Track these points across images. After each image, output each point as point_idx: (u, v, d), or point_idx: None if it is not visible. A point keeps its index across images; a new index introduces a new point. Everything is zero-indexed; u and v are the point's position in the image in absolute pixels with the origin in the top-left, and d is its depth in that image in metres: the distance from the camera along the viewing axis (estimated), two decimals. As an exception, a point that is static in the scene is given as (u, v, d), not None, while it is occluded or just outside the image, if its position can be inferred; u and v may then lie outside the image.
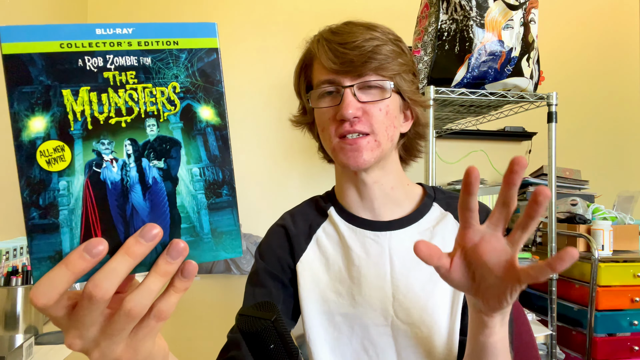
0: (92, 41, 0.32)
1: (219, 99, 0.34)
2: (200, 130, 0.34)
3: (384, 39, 0.67)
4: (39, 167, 0.31)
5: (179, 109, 0.33)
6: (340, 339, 0.70)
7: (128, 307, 0.31)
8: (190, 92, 0.33)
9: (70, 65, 0.31)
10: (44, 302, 0.29)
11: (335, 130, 0.68)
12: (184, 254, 0.32)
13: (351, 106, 0.65)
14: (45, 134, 0.31)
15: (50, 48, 0.31)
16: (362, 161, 0.67)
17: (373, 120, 0.67)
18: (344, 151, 0.68)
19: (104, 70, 0.32)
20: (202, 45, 0.34)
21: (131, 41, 0.32)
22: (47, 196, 0.31)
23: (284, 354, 0.47)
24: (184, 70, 0.33)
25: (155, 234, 0.32)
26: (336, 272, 0.73)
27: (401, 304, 0.69)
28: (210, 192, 0.34)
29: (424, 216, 0.74)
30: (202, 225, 0.34)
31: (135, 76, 0.32)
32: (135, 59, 0.32)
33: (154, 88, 0.33)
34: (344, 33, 0.67)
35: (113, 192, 0.32)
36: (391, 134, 0.69)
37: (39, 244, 0.31)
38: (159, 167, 0.33)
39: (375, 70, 0.66)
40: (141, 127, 0.33)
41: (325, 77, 0.68)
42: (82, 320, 0.31)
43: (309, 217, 0.79)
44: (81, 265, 0.30)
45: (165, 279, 0.32)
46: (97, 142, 0.32)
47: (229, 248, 0.34)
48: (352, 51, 0.65)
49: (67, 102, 0.31)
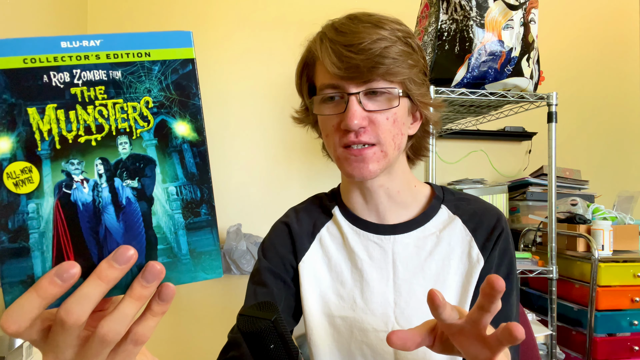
0: (57, 55, 0.30)
1: (195, 113, 0.32)
2: (176, 146, 0.32)
3: (393, 39, 0.61)
4: (6, 189, 0.29)
5: (152, 125, 0.32)
6: (340, 341, 0.70)
7: (102, 332, 0.30)
8: (164, 106, 0.32)
9: (34, 81, 0.30)
10: (14, 329, 0.28)
11: (340, 140, 0.64)
12: (160, 276, 0.31)
13: (356, 116, 0.61)
14: (11, 155, 0.29)
15: (13, 64, 0.29)
16: (367, 172, 0.64)
17: (379, 130, 0.63)
18: (348, 161, 0.64)
19: (71, 85, 0.30)
20: (177, 56, 0.32)
21: (99, 54, 0.31)
22: (16, 219, 0.30)
23: (284, 354, 0.47)
24: (157, 83, 0.32)
25: (130, 257, 0.30)
26: (338, 274, 0.72)
27: (403, 310, 0.68)
28: (188, 211, 0.32)
29: (431, 219, 0.72)
30: (180, 246, 0.33)
31: (105, 91, 0.31)
32: (104, 73, 0.31)
33: (125, 103, 0.31)
34: (349, 33, 0.61)
35: (85, 214, 0.31)
36: (398, 142, 0.65)
37: (10, 268, 0.29)
38: (132, 186, 0.32)
39: (383, 75, 0.61)
40: (112, 145, 0.31)
41: (329, 81, 0.63)
42: (57, 344, 0.30)
43: (313, 215, 0.77)
44: (52, 291, 0.29)
45: (141, 303, 0.31)
46: (66, 162, 0.30)
47: (208, 269, 0.33)
48: (358, 55, 0.59)
49: (33, 120, 0.30)
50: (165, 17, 1.96)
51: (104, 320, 0.30)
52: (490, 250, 0.69)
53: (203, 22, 1.99)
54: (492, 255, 0.69)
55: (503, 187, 1.90)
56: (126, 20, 1.94)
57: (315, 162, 2.04)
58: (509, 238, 0.72)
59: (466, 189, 1.91)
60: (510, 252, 0.71)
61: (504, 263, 0.70)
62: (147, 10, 1.95)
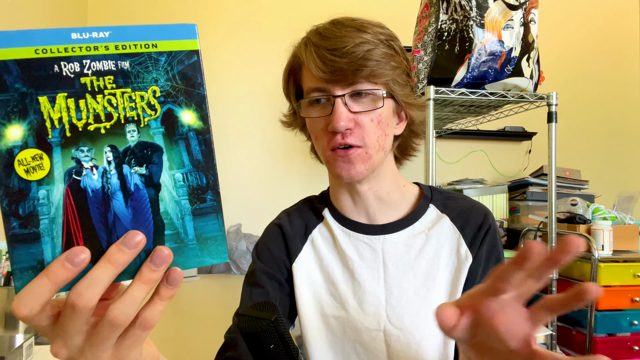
0: (67, 46, 0.31)
1: (200, 102, 0.33)
2: (182, 134, 0.33)
3: (375, 42, 0.63)
4: (17, 176, 0.30)
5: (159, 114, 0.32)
6: (334, 341, 0.70)
7: (112, 316, 0.30)
8: (170, 96, 0.33)
9: (46, 71, 0.31)
10: (25, 312, 0.29)
11: (328, 143, 0.66)
12: (168, 261, 0.32)
13: (342, 118, 0.62)
14: (22, 142, 0.30)
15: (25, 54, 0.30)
16: (354, 173, 0.66)
17: (364, 133, 0.64)
18: (336, 163, 0.66)
19: (81, 75, 0.31)
20: (182, 48, 0.33)
21: (108, 45, 0.32)
22: (26, 205, 0.30)
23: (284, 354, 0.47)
24: (164, 73, 0.32)
25: (138, 241, 0.31)
26: (330, 275, 0.73)
27: (394, 308, 0.69)
28: (194, 197, 0.33)
29: (419, 219, 0.73)
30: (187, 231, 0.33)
31: (114, 81, 0.32)
32: (113, 64, 0.32)
33: (133, 93, 0.32)
34: (333, 37, 0.63)
35: (94, 200, 0.31)
36: (382, 143, 0.67)
37: (20, 254, 0.30)
38: (140, 173, 0.32)
39: (366, 77, 0.63)
40: (121, 133, 0.32)
41: (315, 84, 0.65)
42: (66, 329, 0.31)
43: (305, 217, 0.79)
44: (63, 275, 0.29)
45: (150, 286, 0.32)
46: (76, 149, 0.31)
47: (214, 253, 0.34)
48: (341, 58, 0.61)
49: (44, 109, 0.31)
50: (165, 17, 1.96)
51: (113, 303, 0.31)
52: (478, 247, 0.71)
53: (203, 23, 1.99)
54: (480, 252, 0.70)
55: (503, 187, 1.90)
56: (127, 21, 1.94)
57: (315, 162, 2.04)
58: (497, 234, 0.73)
59: (466, 189, 1.91)
60: (498, 248, 0.72)
61: (492, 259, 0.72)
62: (148, 11, 1.95)
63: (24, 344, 0.92)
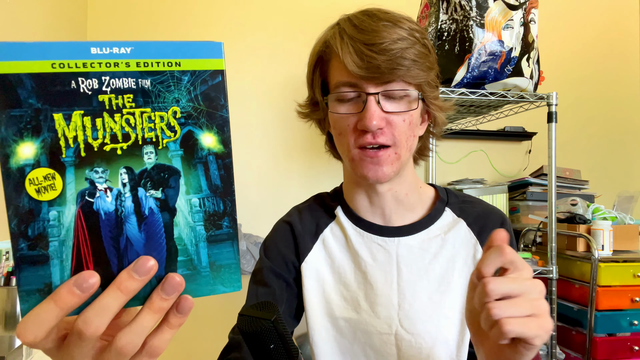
0: (86, 61, 0.29)
1: (222, 125, 0.32)
2: (201, 158, 0.32)
3: (412, 40, 0.61)
4: (27, 196, 0.29)
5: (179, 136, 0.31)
6: (342, 343, 0.69)
7: (119, 345, 0.30)
8: (192, 117, 0.31)
9: (62, 87, 0.29)
10: (31, 339, 0.28)
11: (355, 141, 0.63)
12: (180, 289, 0.31)
13: (375, 117, 0.60)
14: (35, 160, 0.29)
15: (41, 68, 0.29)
16: (382, 174, 0.63)
17: (396, 132, 0.62)
18: (364, 163, 0.64)
19: (99, 92, 0.30)
20: (207, 67, 0.31)
21: (129, 62, 0.30)
22: (36, 227, 0.29)
23: (284, 354, 0.47)
24: (186, 93, 0.31)
25: (150, 268, 0.30)
26: (341, 276, 0.71)
27: (406, 313, 0.67)
28: (210, 223, 0.32)
29: (435, 222, 0.72)
30: (200, 258, 0.32)
31: (133, 100, 0.30)
32: (134, 81, 0.30)
33: (153, 113, 0.31)
34: (369, 31, 0.60)
35: (106, 223, 0.30)
36: (410, 144, 0.65)
37: (28, 276, 0.29)
38: (156, 197, 0.31)
39: (402, 77, 0.61)
40: (138, 155, 0.31)
41: (347, 79, 0.62)
42: (72, 355, 0.30)
43: (316, 215, 0.76)
44: (71, 301, 0.28)
45: (160, 315, 0.31)
46: (91, 170, 0.30)
47: (227, 282, 0.33)
48: (379, 55, 0.58)
49: (59, 127, 0.29)
50: (165, 18, 1.96)
51: (121, 332, 0.30)
52: None
53: (203, 22, 1.99)
54: None
55: (503, 187, 1.90)
56: (127, 20, 1.94)
57: (315, 162, 2.04)
58: (513, 241, 0.72)
59: (466, 189, 1.91)
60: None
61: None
62: (147, 11, 1.95)
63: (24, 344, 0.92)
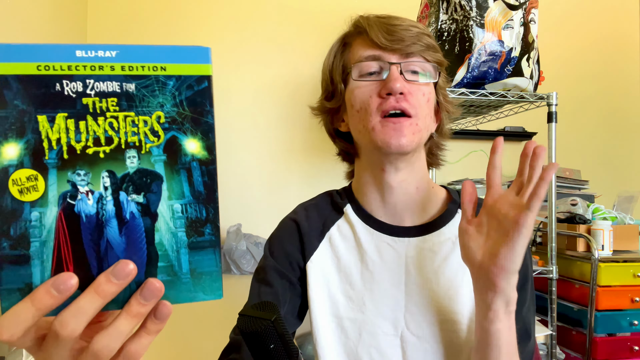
0: (71, 64, 0.29)
1: (207, 131, 0.32)
2: (184, 164, 0.31)
3: (427, 32, 0.68)
4: (10, 196, 0.29)
5: (162, 141, 0.31)
6: (347, 343, 0.68)
7: (96, 348, 0.30)
8: (176, 122, 0.31)
9: (47, 89, 0.29)
10: (7, 337, 0.28)
11: (378, 107, 0.64)
12: (159, 295, 0.31)
13: (400, 80, 0.63)
14: (18, 161, 0.29)
15: (27, 70, 0.29)
16: (405, 141, 0.64)
17: (416, 103, 0.65)
18: (386, 129, 0.64)
19: (83, 95, 0.30)
20: (193, 72, 0.31)
21: (114, 65, 0.30)
22: (18, 227, 0.29)
23: (284, 354, 0.47)
24: (171, 98, 0.31)
25: (129, 272, 0.30)
26: (348, 275, 0.70)
27: (413, 315, 0.67)
28: (192, 230, 0.32)
29: (447, 224, 0.71)
30: (181, 264, 0.32)
31: (117, 103, 0.30)
32: (118, 85, 0.30)
33: (137, 117, 0.31)
34: (391, 17, 0.67)
35: (87, 226, 0.30)
36: (428, 123, 0.68)
37: (9, 275, 0.29)
38: (137, 201, 0.31)
39: (422, 52, 0.66)
40: (121, 159, 0.31)
41: (371, 52, 0.66)
42: (50, 354, 0.30)
43: (323, 213, 0.76)
44: (48, 302, 0.28)
45: (137, 320, 0.31)
46: (73, 172, 0.30)
47: (208, 290, 0.33)
48: (403, 31, 0.65)
49: (43, 128, 0.29)
50: (165, 18, 1.96)
51: (98, 335, 0.30)
52: None
53: (203, 22, 1.99)
54: None
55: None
56: (127, 20, 1.94)
57: (315, 162, 2.04)
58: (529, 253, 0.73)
59: (466, 189, 1.91)
60: (526, 261, 0.70)
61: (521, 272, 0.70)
62: (147, 11, 1.95)
63: (24, 344, 0.92)
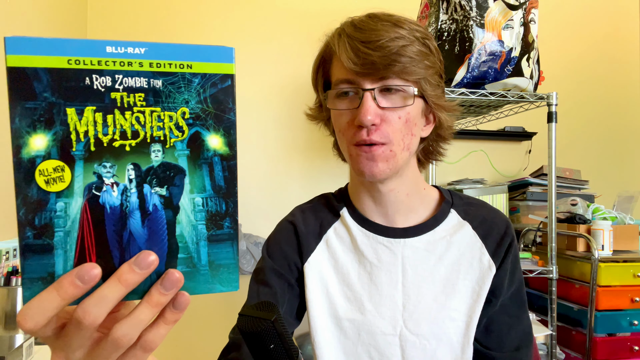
0: (101, 59, 0.31)
1: (229, 127, 0.33)
2: (207, 159, 0.33)
3: (411, 38, 0.62)
4: (37, 186, 0.30)
5: (186, 136, 0.32)
6: (346, 344, 0.69)
7: (115, 336, 0.30)
8: (200, 118, 0.32)
9: (76, 82, 0.30)
10: (31, 326, 0.29)
11: (352, 137, 0.64)
12: (178, 285, 0.31)
13: (370, 112, 0.61)
14: (45, 152, 0.30)
15: (57, 63, 0.30)
16: (377, 171, 0.64)
17: (390, 130, 0.63)
18: (360, 159, 0.64)
19: (111, 90, 0.31)
20: (217, 71, 0.32)
21: (142, 62, 0.31)
22: (43, 216, 0.30)
23: (284, 354, 0.47)
24: (196, 95, 0.32)
25: (150, 262, 0.31)
26: (345, 276, 0.71)
27: (411, 314, 0.68)
28: (212, 223, 0.33)
29: (441, 224, 0.72)
30: (200, 256, 0.33)
31: (144, 99, 0.31)
32: (146, 81, 0.31)
33: (163, 112, 0.32)
34: (368, 30, 0.61)
35: (111, 217, 0.31)
36: (407, 142, 0.65)
37: (32, 264, 0.30)
38: (160, 194, 0.32)
39: (398, 73, 0.61)
40: (146, 152, 0.32)
41: (345, 76, 0.64)
42: (70, 343, 0.31)
43: (320, 215, 0.76)
44: (72, 291, 0.29)
45: (157, 309, 0.31)
46: (99, 164, 0.31)
47: (225, 281, 0.34)
48: (375, 52, 0.59)
49: (71, 121, 0.30)
50: (165, 18, 1.96)
51: (118, 324, 0.30)
52: (502, 257, 0.71)
53: (203, 23, 1.99)
54: (505, 263, 0.71)
55: (503, 187, 1.90)
56: (126, 20, 1.94)
57: (315, 162, 2.04)
58: (516, 244, 0.74)
59: (466, 189, 1.91)
60: (519, 259, 0.74)
61: (517, 271, 0.72)
62: (147, 11, 1.95)
63: (24, 344, 0.92)
